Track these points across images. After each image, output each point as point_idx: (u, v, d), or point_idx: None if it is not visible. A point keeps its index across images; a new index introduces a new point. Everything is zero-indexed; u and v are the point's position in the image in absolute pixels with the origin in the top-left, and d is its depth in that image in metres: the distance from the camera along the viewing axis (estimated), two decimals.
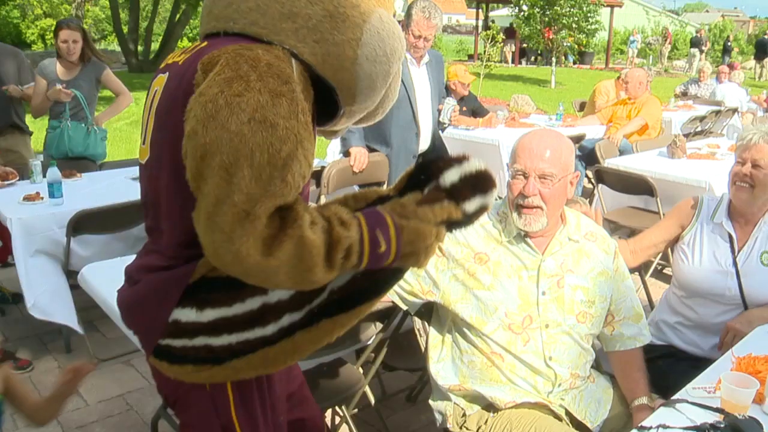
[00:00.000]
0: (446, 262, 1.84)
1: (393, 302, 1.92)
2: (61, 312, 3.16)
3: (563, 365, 1.83)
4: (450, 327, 1.92)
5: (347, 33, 1.25)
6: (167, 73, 1.29)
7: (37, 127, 4.65)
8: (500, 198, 1.82)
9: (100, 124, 4.34)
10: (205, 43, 1.27)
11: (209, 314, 1.25)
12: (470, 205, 1.28)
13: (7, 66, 4.22)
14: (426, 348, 1.99)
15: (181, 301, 1.25)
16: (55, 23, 4.65)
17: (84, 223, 3.10)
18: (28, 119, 4.44)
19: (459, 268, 1.83)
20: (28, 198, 3.25)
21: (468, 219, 1.30)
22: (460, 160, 1.30)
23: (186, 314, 1.25)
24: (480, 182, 1.29)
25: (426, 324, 2.10)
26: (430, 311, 2.00)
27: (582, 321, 1.85)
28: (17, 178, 3.62)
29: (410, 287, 1.87)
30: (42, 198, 3.26)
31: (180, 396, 1.41)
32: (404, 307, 1.94)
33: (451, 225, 1.30)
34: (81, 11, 17.86)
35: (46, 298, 3.13)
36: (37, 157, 3.97)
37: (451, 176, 1.28)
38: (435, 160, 1.32)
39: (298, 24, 1.22)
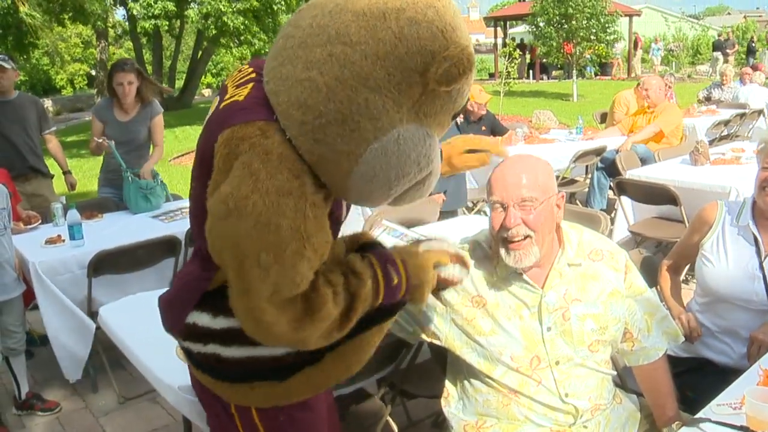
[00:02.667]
0: (444, 307, 1.77)
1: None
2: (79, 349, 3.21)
3: (582, 398, 1.73)
4: (462, 367, 1.84)
5: (350, 144, 1.15)
6: (218, 99, 1.32)
7: (57, 171, 4.74)
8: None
9: (148, 176, 4.05)
10: (253, 76, 1.28)
11: (221, 322, 1.30)
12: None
13: (30, 114, 4.34)
14: (443, 388, 1.91)
15: (200, 304, 1.32)
16: (81, 68, 4.71)
17: (104, 263, 3.13)
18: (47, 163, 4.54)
19: (457, 314, 1.75)
20: (50, 241, 3.30)
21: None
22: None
23: (202, 318, 1.32)
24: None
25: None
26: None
27: (595, 350, 1.73)
28: (39, 221, 3.68)
29: (413, 330, 1.83)
30: (63, 240, 3.31)
31: (204, 399, 1.49)
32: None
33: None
34: (105, 54, 18.29)
35: (65, 335, 3.20)
36: (59, 200, 4.04)
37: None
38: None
39: (307, 117, 1.14)
